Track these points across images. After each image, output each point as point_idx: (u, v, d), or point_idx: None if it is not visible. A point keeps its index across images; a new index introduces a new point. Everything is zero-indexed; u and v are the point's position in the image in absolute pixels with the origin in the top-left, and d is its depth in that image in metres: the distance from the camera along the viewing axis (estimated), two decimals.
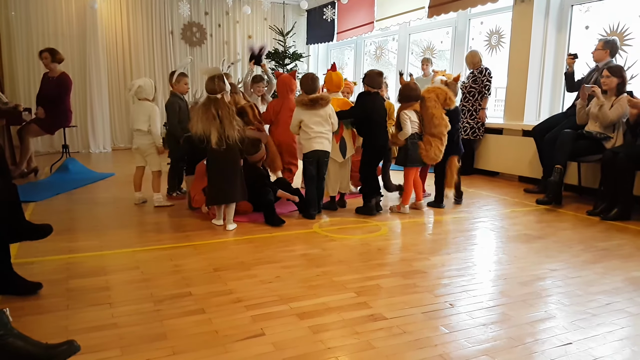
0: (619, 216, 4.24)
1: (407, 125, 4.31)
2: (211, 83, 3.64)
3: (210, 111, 3.60)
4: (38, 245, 3.06)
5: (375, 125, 4.31)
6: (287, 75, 5.01)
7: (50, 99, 6.00)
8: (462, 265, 3.05)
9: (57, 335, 2.00)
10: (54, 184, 5.57)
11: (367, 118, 4.30)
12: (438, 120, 4.36)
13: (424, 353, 1.94)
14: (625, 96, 4.42)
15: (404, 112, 4.36)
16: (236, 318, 2.22)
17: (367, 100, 4.32)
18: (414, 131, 4.37)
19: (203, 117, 3.60)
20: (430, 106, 4.38)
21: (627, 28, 5.36)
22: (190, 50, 9.93)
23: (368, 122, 4.31)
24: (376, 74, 4.38)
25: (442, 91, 4.42)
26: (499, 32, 6.97)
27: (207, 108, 3.61)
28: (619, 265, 3.10)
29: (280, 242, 3.47)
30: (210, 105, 3.62)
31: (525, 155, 6.01)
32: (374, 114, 4.29)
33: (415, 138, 4.38)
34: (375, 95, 4.36)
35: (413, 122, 4.37)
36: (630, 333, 2.17)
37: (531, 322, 2.25)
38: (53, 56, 5.99)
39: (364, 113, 4.30)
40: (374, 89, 4.34)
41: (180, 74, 4.81)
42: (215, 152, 3.64)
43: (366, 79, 4.39)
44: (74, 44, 8.76)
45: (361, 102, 4.36)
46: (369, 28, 8.79)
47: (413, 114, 4.38)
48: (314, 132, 4.15)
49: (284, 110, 4.77)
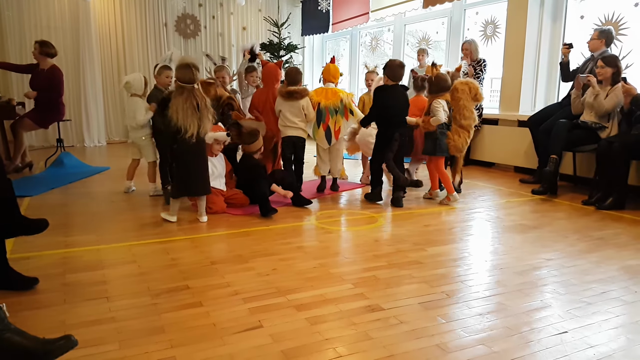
0: (613, 205, 4.26)
1: (440, 112, 4.31)
2: (188, 72, 3.55)
3: (191, 102, 3.54)
4: (34, 240, 3.06)
5: (390, 117, 4.33)
6: (273, 64, 4.94)
7: (41, 91, 5.94)
8: (458, 255, 3.06)
9: (54, 330, 2.00)
10: (49, 178, 5.55)
11: (384, 113, 4.35)
12: (469, 112, 4.40)
13: (421, 343, 1.95)
14: (620, 84, 4.43)
15: (437, 100, 4.37)
16: (234, 311, 2.23)
17: (383, 96, 4.34)
18: (444, 121, 4.37)
19: (184, 107, 3.52)
20: (463, 98, 4.39)
21: (622, 17, 5.36)
22: (184, 42, 9.88)
23: (384, 114, 4.35)
24: (398, 65, 4.34)
25: (475, 86, 4.44)
26: (495, 22, 6.96)
27: (187, 99, 3.53)
28: (614, 254, 3.12)
29: (277, 235, 3.47)
30: (190, 96, 3.55)
31: (520, 145, 6.03)
32: (389, 110, 4.31)
33: (444, 128, 4.42)
34: (393, 89, 4.34)
35: (445, 111, 4.36)
36: (625, 321, 2.19)
37: (527, 311, 2.27)
38: (42, 48, 5.87)
39: (381, 111, 4.35)
40: (393, 82, 4.35)
41: (162, 66, 4.75)
42: (187, 144, 3.56)
43: (387, 70, 4.37)
44: (67, 36, 8.69)
45: (380, 101, 4.36)
46: (364, 19, 8.75)
47: (445, 104, 4.38)
48: (289, 121, 4.53)
49: (269, 100, 4.75)
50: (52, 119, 6.20)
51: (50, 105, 6.01)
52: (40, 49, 5.87)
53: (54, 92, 5.95)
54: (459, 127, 4.42)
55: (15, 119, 6.03)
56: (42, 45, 5.90)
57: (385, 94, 4.32)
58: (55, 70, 5.97)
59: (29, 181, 5.40)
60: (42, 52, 5.88)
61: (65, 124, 7.91)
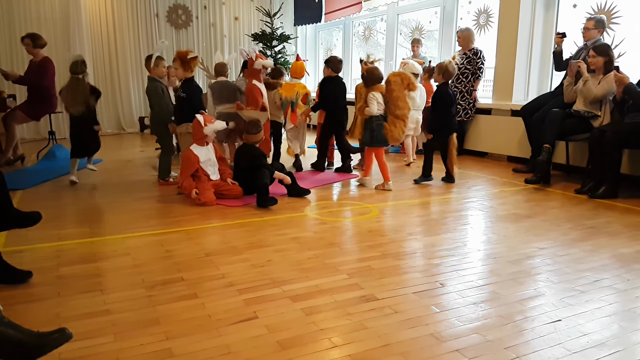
0: (606, 194, 4.28)
1: (373, 104, 4.58)
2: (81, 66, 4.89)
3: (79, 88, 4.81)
4: (27, 233, 3.04)
5: (337, 104, 5.38)
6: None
7: (33, 83, 5.89)
8: (452, 245, 3.08)
9: (48, 323, 2.00)
10: (41, 171, 5.51)
11: (334, 98, 5.35)
12: (402, 103, 4.55)
13: (415, 332, 1.97)
14: (613, 72, 4.44)
15: (372, 92, 4.63)
16: (229, 302, 2.23)
17: (333, 84, 5.38)
18: (380, 112, 4.62)
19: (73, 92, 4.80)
20: (396, 89, 4.54)
21: (615, 6, 5.36)
22: (176, 33, 9.80)
23: (333, 101, 5.36)
24: (338, 60, 5.48)
25: (406, 76, 4.60)
26: (487, 11, 6.94)
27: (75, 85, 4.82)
28: (607, 242, 3.15)
29: (272, 226, 3.47)
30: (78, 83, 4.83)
31: (513, 135, 6.04)
32: (338, 95, 5.37)
33: (381, 119, 4.61)
34: (337, 79, 5.42)
35: (379, 103, 4.61)
36: (617, 309, 2.21)
37: (521, 300, 2.29)
38: (34, 42, 5.84)
39: (333, 95, 5.36)
40: (335, 74, 5.40)
41: (158, 57, 4.77)
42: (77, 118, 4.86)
43: (330, 64, 5.41)
44: (57, 27, 8.60)
45: (329, 87, 5.39)
46: (357, 8, 8.71)
47: (379, 96, 4.63)
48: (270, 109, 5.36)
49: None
50: (44, 111, 6.15)
51: (42, 97, 5.96)
52: (34, 42, 5.85)
53: (45, 84, 5.89)
54: (394, 118, 4.56)
55: (7, 111, 5.97)
56: (33, 39, 5.87)
57: (332, 85, 5.37)
58: (46, 61, 5.92)
59: (21, 174, 5.37)
60: (36, 45, 5.85)
61: (57, 116, 7.84)
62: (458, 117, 6.51)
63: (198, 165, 4.08)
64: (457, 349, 1.85)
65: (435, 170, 5.06)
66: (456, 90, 6.53)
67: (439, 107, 4.84)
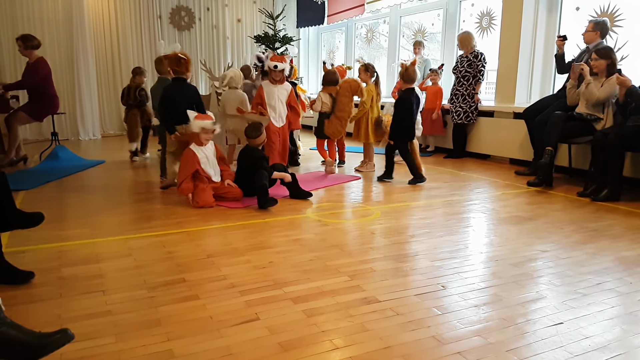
0: (608, 197, 4.27)
1: (317, 103, 5.47)
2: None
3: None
4: (29, 234, 3.05)
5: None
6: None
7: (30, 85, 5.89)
8: (454, 247, 3.07)
9: (50, 323, 2.00)
10: (44, 171, 5.52)
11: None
12: (343, 106, 5.39)
13: (417, 334, 1.96)
14: (615, 75, 4.43)
15: (320, 92, 5.51)
16: (230, 303, 2.23)
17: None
18: (324, 110, 5.45)
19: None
20: (341, 93, 5.36)
21: (618, 9, 5.35)
22: (179, 35, 9.82)
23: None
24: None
25: (356, 84, 5.34)
26: (490, 14, 6.94)
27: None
28: (609, 245, 3.14)
29: (273, 228, 3.47)
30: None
31: (516, 137, 6.03)
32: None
33: (324, 117, 5.49)
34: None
35: (324, 102, 5.42)
36: (620, 312, 2.20)
37: (522, 302, 2.28)
38: (25, 43, 5.80)
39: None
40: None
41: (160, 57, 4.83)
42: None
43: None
44: (60, 29, 8.62)
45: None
46: (359, 10, 8.71)
47: (327, 97, 5.44)
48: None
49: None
50: (46, 111, 6.15)
51: (44, 97, 5.96)
52: (24, 44, 5.80)
53: (42, 84, 5.89)
54: (334, 117, 5.43)
55: (9, 112, 5.99)
56: (24, 40, 5.82)
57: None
58: (40, 61, 5.88)
59: (23, 175, 5.38)
60: (27, 46, 5.81)
61: (59, 117, 7.86)
62: (459, 120, 6.54)
63: (198, 166, 4.07)
64: (458, 352, 1.84)
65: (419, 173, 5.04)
66: (457, 93, 6.54)
67: (399, 114, 4.93)
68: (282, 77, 5.14)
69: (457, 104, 6.57)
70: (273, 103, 5.08)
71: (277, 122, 5.12)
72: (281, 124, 5.16)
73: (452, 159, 6.68)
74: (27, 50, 5.84)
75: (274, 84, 5.10)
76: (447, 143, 7.07)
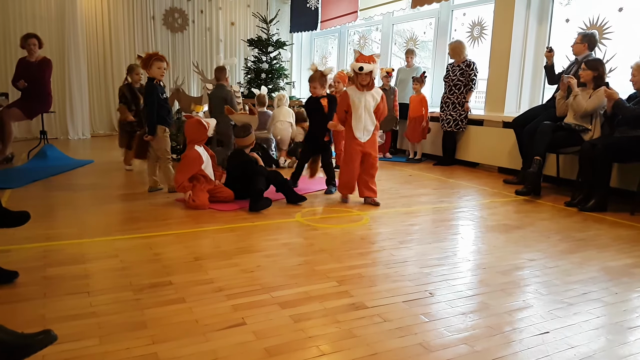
0: (595, 207, 4.31)
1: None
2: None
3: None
4: (15, 233, 3.00)
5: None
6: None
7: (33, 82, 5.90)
8: (442, 254, 3.08)
9: (34, 324, 1.97)
10: (32, 170, 5.46)
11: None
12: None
13: (404, 341, 1.96)
14: (603, 88, 4.49)
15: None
16: (217, 307, 2.21)
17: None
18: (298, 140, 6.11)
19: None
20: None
21: (607, 22, 5.42)
22: (172, 36, 9.79)
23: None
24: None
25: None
26: (481, 23, 7.00)
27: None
28: (595, 255, 3.16)
29: (262, 231, 3.46)
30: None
31: (505, 146, 6.08)
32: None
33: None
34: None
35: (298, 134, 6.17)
36: (605, 322, 2.22)
37: (509, 311, 2.29)
38: (40, 42, 6.03)
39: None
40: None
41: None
42: None
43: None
44: (52, 27, 8.56)
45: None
46: (352, 17, 8.75)
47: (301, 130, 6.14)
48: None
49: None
50: (40, 110, 6.22)
51: (41, 96, 6.04)
52: (40, 43, 6.01)
53: (43, 83, 5.94)
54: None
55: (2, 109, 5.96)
56: (39, 39, 6.03)
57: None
58: (47, 61, 6.09)
59: (10, 173, 5.32)
60: (41, 45, 6.05)
61: (49, 116, 7.79)
62: (449, 128, 6.59)
63: (200, 167, 4.08)
64: (445, 359, 1.84)
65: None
66: (448, 101, 6.59)
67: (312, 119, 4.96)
68: (370, 82, 4.20)
69: (447, 112, 6.61)
70: (359, 113, 4.21)
71: (361, 136, 4.24)
72: (366, 137, 4.24)
73: (441, 167, 6.72)
74: (40, 49, 6.03)
75: (361, 90, 4.21)
76: (436, 150, 7.10)
